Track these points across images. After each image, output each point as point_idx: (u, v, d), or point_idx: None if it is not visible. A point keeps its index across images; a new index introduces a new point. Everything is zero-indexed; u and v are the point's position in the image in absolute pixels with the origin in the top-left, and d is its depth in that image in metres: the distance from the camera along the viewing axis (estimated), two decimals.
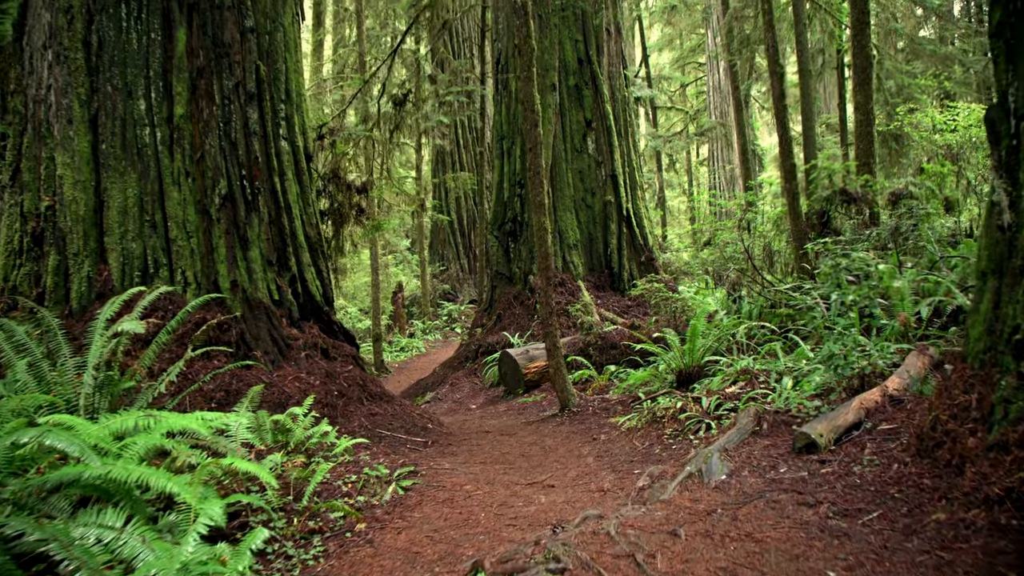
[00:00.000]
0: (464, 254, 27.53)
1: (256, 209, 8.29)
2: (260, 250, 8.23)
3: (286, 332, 8.25)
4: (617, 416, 8.70)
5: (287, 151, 8.76)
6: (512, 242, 14.39)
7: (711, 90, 33.75)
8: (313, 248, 8.88)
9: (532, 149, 9.26)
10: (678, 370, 9.32)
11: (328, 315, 8.89)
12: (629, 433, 7.43)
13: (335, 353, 8.56)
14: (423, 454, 7.29)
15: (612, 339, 12.21)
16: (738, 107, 30.07)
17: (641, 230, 14.64)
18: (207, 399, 7.38)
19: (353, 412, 8.02)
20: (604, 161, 14.41)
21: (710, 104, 33.60)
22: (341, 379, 8.22)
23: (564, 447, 7.54)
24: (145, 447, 4.73)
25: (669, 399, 7.50)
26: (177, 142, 7.98)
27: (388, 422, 8.13)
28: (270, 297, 8.24)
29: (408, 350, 22.82)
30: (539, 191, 9.22)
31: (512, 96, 14.50)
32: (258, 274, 8.16)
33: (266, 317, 8.12)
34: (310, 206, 8.94)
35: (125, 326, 5.15)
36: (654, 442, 6.88)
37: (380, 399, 8.50)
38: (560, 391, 9.44)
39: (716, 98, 33.35)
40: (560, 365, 9.41)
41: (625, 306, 13.99)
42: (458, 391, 13.27)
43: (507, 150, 14.57)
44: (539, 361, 12.10)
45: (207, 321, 7.70)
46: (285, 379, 7.84)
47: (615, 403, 9.38)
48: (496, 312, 14.24)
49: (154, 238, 7.86)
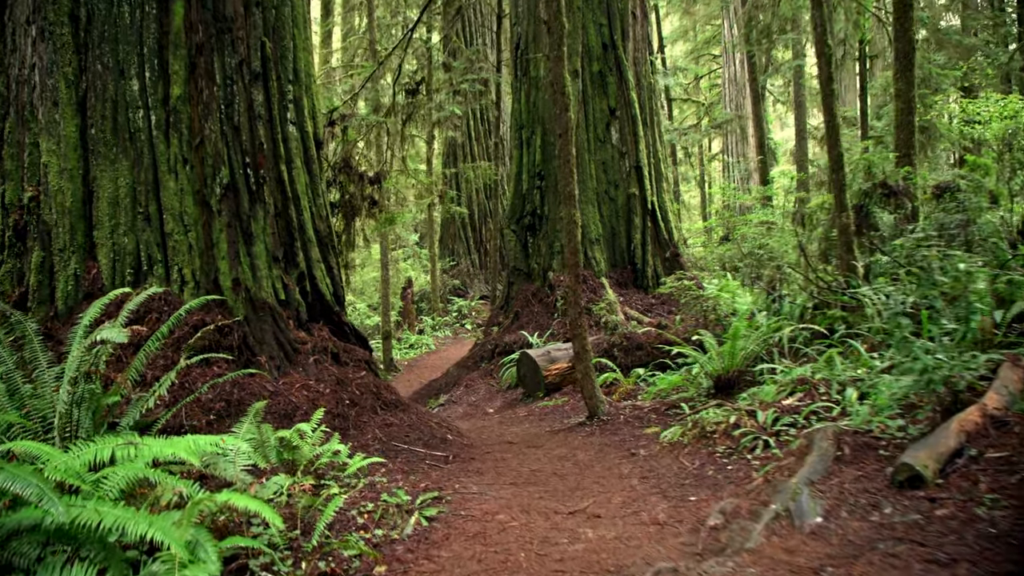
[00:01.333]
0: (475, 249, 26.72)
1: (261, 200, 7.49)
2: (265, 245, 7.44)
3: (293, 335, 7.45)
4: (652, 426, 7.90)
5: (295, 137, 7.95)
6: (530, 236, 13.56)
7: (726, 82, 32.83)
8: (323, 243, 8.08)
9: (563, 135, 8.44)
10: (716, 375, 8.53)
11: (339, 316, 8.09)
12: (673, 449, 6.62)
13: (346, 358, 7.76)
14: (445, 472, 6.49)
15: (638, 340, 11.40)
16: (756, 99, 29.19)
17: (666, 224, 13.81)
18: (205, 410, 6.60)
19: (366, 423, 7.23)
20: (628, 152, 13.57)
21: (725, 96, 32.69)
22: (353, 386, 7.43)
23: (600, 463, 6.73)
24: (125, 480, 3.94)
25: (719, 411, 6.68)
26: (174, 126, 7.18)
27: (404, 434, 7.34)
28: (276, 297, 7.44)
29: (418, 347, 22.04)
30: (569, 181, 8.41)
31: (532, 83, 13.66)
32: (263, 271, 7.36)
33: (271, 319, 7.32)
34: (320, 197, 8.13)
35: (104, 334, 4.36)
36: (705, 461, 6.07)
37: (395, 407, 7.70)
38: (589, 397, 8.64)
39: (731, 90, 32.45)
40: (589, 370, 8.61)
41: (649, 304, 13.18)
42: (473, 393, 12.47)
43: (526, 140, 13.73)
44: (561, 363, 11.30)
45: (205, 324, 6.90)
46: (292, 387, 7.05)
47: (648, 411, 8.58)
48: (513, 310, 13.42)
49: (148, 232, 7.07)
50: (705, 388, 8.70)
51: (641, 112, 13.73)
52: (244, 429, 5.79)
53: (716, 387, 8.55)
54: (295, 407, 6.88)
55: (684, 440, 6.57)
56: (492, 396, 12.11)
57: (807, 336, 8.99)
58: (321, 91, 8.22)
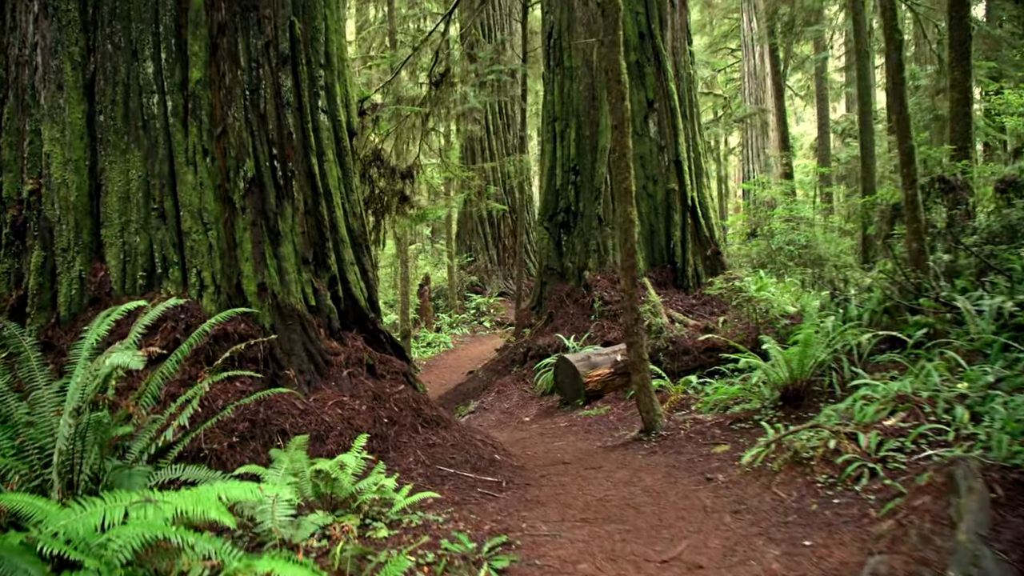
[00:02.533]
0: (493, 245, 25.84)
1: (289, 196, 6.63)
2: (294, 245, 6.59)
3: (324, 345, 6.60)
4: (720, 444, 7.04)
5: (326, 126, 7.09)
6: (564, 234, 12.69)
7: (746, 76, 31.81)
8: (356, 243, 7.23)
9: (618, 127, 7.57)
10: (783, 386, 7.66)
11: (374, 323, 7.24)
12: (758, 475, 5.75)
13: (383, 369, 6.91)
14: (502, 504, 5.63)
15: (684, 344, 10.53)
16: (778, 93, 28.28)
17: (707, 221, 12.92)
18: (227, 432, 5.75)
19: (407, 444, 6.38)
20: (667, 145, 12.68)
21: (745, 91, 31.68)
22: (391, 402, 6.58)
23: (674, 491, 5.87)
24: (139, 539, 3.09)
25: (814, 434, 5.80)
26: (192, 113, 6.33)
27: (449, 455, 6.49)
28: (305, 303, 6.59)
29: (435, 346, 21.20)
30: (626, 176, 7.54)
31: (566, 73, 12.77)
32: (291, 275, 6.51)
33: (300, 327, 6.47)
34: (353, 192, 7.27)
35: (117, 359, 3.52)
36: (803, 492, 5.20)
37: (437, 425, 6.85)
38: (645, 410, 7.77)
39: (751, 84, 31.46)
40: (646, 380, 7.75)
41: (690, 305, 12.30)
42: (506, 399, 11.62)
43: (560, 133, 12.85)
44: (602, 369, 10.44)
45: (227, 334, 6.06)
46: (324, 405, 6.20)
47: (710, 425, 7.72)
48: (547, 311, 12.56)
49: (163, 230, 6.23)
50: (770, 400, 7.84)
51: (680, 104, 12.84)
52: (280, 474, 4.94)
53: (783, 399, 7.69)
54: (328, 427, 6.03)
55: (773, 466, 5.69)
56: (526, 403, 11.25)
57: (873, 343, 8.12)
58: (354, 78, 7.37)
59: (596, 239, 12.17)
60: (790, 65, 29.47)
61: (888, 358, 7.95)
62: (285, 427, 5.94)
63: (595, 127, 12.39)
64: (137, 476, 4.07)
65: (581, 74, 12.48)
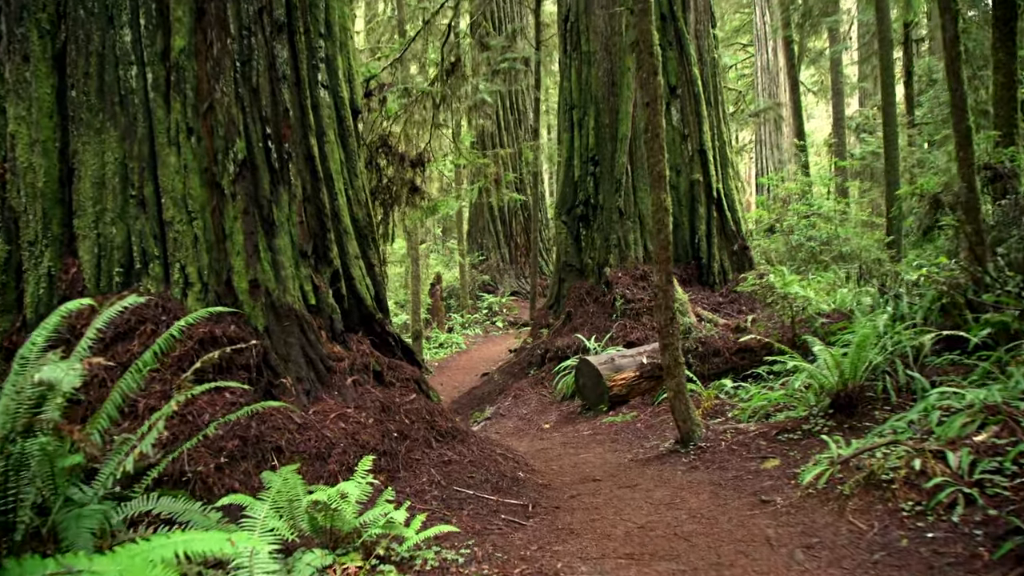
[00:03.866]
0: (505, 243, 24.97)
1: (285, 181, 5.79)
2: (291, 237, 5.75)
3: (326, 350, 5.76)
4: (770, 459, 6.17)
5: (327, 104, 6.25)
6: (583, 228, 11.81)
7: (759, 71, 30.87)
8: (362, 234, 6.38)
9: (651, 104, 6.70)
10: (835, 391, 6.78)
11: (382, 324, 6.39)
12: (824, 498, 4.89)
13: (392, 377, 6.06)
14: (530, 535, 4.77)
15: (714, 344, 9.66)
16: (793, 86, 27.34)
17: (733, 214, 12.02)
18: (214, 450, 4.93)
19: (420, 461, 5.53)
20: (691, 134, 11.78)
21: (758, 85, 30.74)
22: (402, 414, 5.73)
23: (726, 516, 5.00)
24: None
25: (891, 451, 4.91)
26: (176, 87, 5.50)
27: (468, 474, 5.64)
28: (304, 302, 5.75)
29: (448, 346, 20.35)
30: (659, 158, 6.67)
31: (583, 58, 11.89)
32: (288, 270, 5.67)
33: (299, 330, 5.63)
34: (358, 178, 6.43)
35: (46, 374, 2.67)
36: (887, 522, 4.33)
37: (452, 438, 6.00)
38: (682, 420, 6.91)
39: (764, 79, 30.54)
40: (682, 386, 6.88)
41: (716, 303, 11.43)
42: (523, 404, 10.76)
43: (578, 121, 11.98)
44: (627, 372, 9.57)
45: (215, 337, 5.23)
46: (325, 418, 5.36)
47: (754, 436, 6.85)
48: (565, 310, 11.69)
49: (142, 220, 5.40)
50: (819, 407, 6.97)
51: (704, 90, 11.94)
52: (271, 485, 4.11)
53: (833, 406, 6.82)
54: (330, 444, 5.19)
55: (844, 489, 4.82)
56: (545, 408, 10.39)
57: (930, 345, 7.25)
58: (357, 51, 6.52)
59: (617, 233, 11.30)
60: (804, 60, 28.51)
61: (946, 360, 7.10)
62: (280, 444, 5.11)
63: (615, 115, 11.52)
64: (88, 517, 3.23)
65: (599, 59, 11.61)
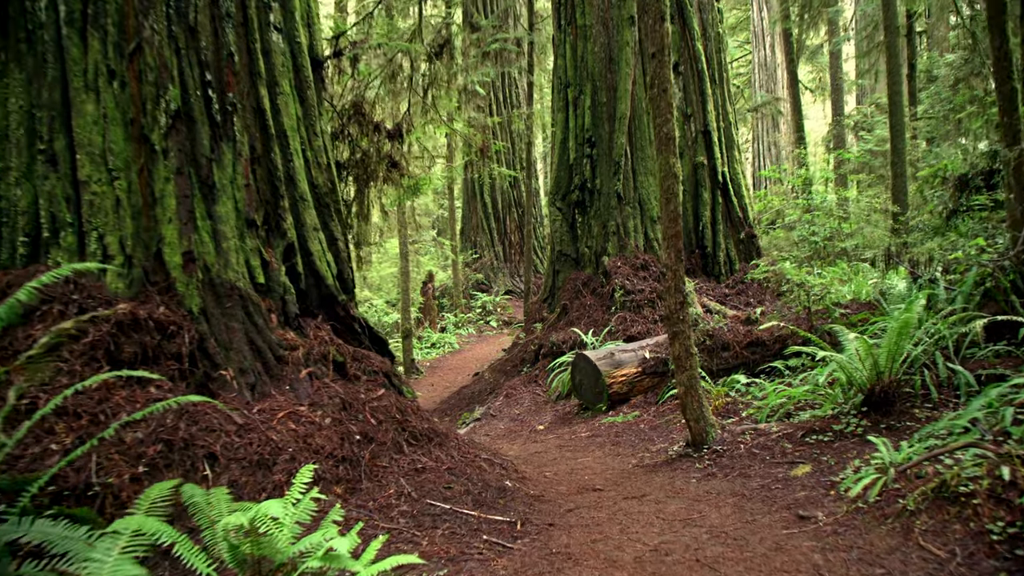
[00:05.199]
0: (499, 241, 23.98)
1: (229, 136, 4.81)
2: (235, 203, 4.77)
3: (277, 336, 4.76)
4: (799, 465, 5.21)
5: (281, 49, 5.26)
6: (579, 215, 10.83)
7: (756, 67, 30.04)
8: (323, 203, 5.39)
9: (656, 55, 5.74)
10: (868, 387, 5.83)
11: (346, 308, 5.39)
12: (880, 515, 3.91)
13: (357, 369, 5.07)
14: (517, 562, 3.78)
15: (723, 338, 8.68)
16: (792, 80, 26.41)
17: (739, 200, 11.05)
18: (131, 457, 3.95)
19: (387, 469, 4.54)
20: (694, 114, 10.82)
21: (755, 82, 29.89)
22: (367, 412, 4.74)
23: (758, 537, 4.02)
24: None
25: (966, 459, 3.93)
26: (95, 22, 4.52)
27: (444, 483, 4.64)
28: (250, 279, 4.76)
29: (440, 346, 19.38)
30: (667, 117, 5.70)
31: (579, 32, 10.91)
32: (231, 241, 4.69)
33: (243, 312, 4.64)
34: (318, 137, 5.44)
35: None
36: (972, 548, 3.36)
37: (428, 441, 5.01)
38: (693, 418, 5.93)
39: (762, 75, 29.70)
40: (694, 381, 5.90)
41: (722, 295, 10.46)
42: (516, 404, 9.78)
43: (573, 100, 11.00)
44: (628, 367, 8.60)
45: (137, 320, 4.24)
46: (273, 418, 4.37)
47: (776, 437, 5.88)
48: (560, 303, 10.70)
49: (52, 180, 4.41)
50: (850, 405, 6.01)
51: (708, 67, 10.99)
52: (192, 502, 3.14)
53: (867, 403, 5.87)
54: (276, 449, 4.20)
55: (907, 503, 3.84)
56: (539, 408, 9.41)
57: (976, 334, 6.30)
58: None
59: (615, 219, 10.33)
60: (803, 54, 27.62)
61: (990, 352, 6.17)
62: (215, 450, 4.12)
63: (613, 92, 10.55)
64: None
65: (596, 33, 10.64)
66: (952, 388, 5.90)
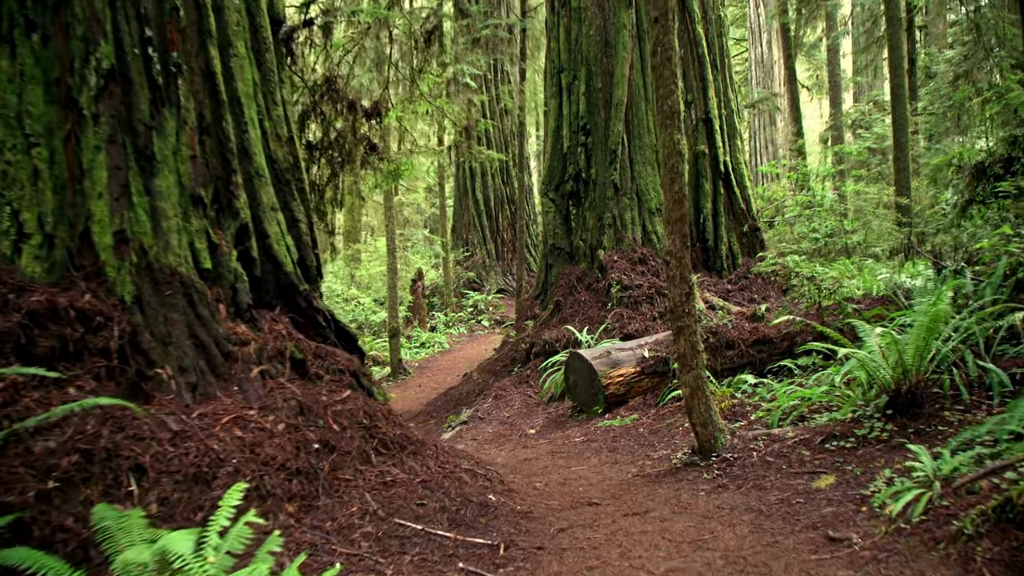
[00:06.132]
0: (491, 239, 23.32)
1: (172, 102, 4.16)
2: (179, 177, 4.12)
3: (224, 329, 4.11)
4: (822, 475, 4.60)
5: (236, 6, 4.62)
6: (574, 207, 10.19)
7: (753, 64, 29.50)
8: (283, 180, 4.74)
9: (659, 19, 5.10)
10: (893, 387, 5.21)
11: (309, 299, 4.74)
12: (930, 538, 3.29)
13: (319, 367, 4.42)
14: None
15: (728, 335, 8.05)
16: (791, 76, 25.85)
17: (743, 191, 10.43)
18: (40, 470, 3.29)
19: (351, 483, 3.89)
20: (695, 100, 10.20)
21: (751, 80, 29.35)
22: (328, 417, 4.09)
23: (782, 563, 3.39)
24: None
25: None
26: None
27: (417, 499, 4.00)
28: (195, 264, 4.12)
29: (429, 346, 18.73)
30: (670, 88, 5.07)
31: (573, 15, 10.27)
32: (172, 220, 4.04)
33: (185, 302, 3.99)
34: (278, 107, 4.79)
35: None
36: None
37: (401, 450, 4.37)
38: (700, 423, 5.29)
39: (759, 72, 29.17)
40: (701, 381, 5.28)
41: (724, 290, 9.84)
42: (505, 406, 9.14)
43: (566, 86, 10.37)
44: (625, 367, 7.97)
45: (57, 311, 3.59)
46: (216, 423, 3.72)
47: (792, 444, 5.25)
48: (553, 299, 10.06)
49: None
50: (872, 407, 5.39)
51: (709, 52, 10.37)
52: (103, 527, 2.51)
53: (892, 405, 5.25)
54: (217, 460, 3.55)
55: (963, 525, 3.21)
56: (531, 411, 8.77)
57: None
58: None
59: (612, 211, 9.70)
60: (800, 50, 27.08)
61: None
62: (144, 461, 3.48)
63: (609, 77, 9.92)
64: None
65: (591, 15, 10.02)
66: (984, 388, 5.31)
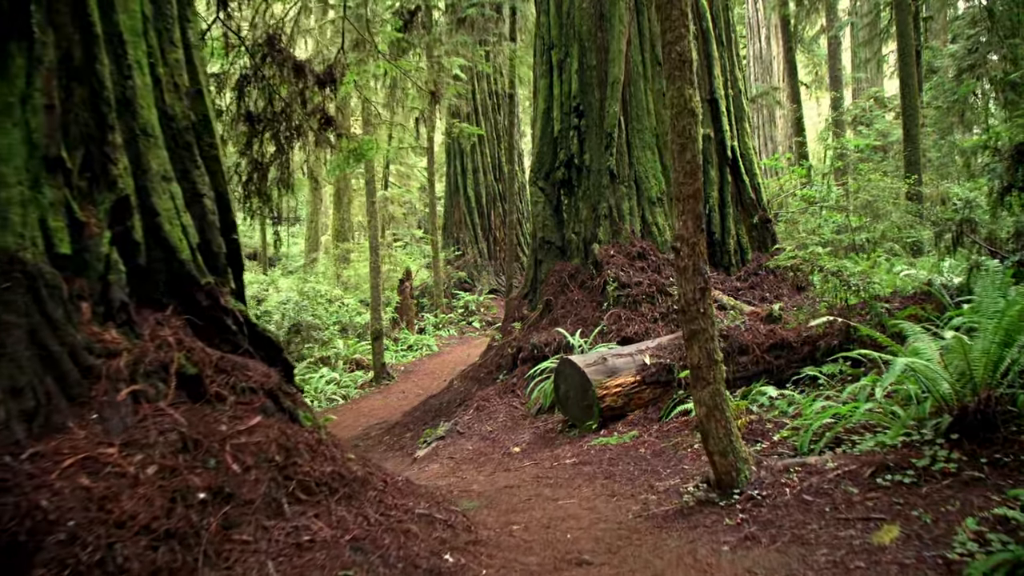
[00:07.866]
0: (483, 237, 22.25)
1: (23, 33, 3.06)
2: (28, 133, 3.03)
3: (85, 335, 3.01)
4: (884, 525, 3.52)
5: None
6: (566, 196, 9.09)
7: (752, 60, 28.54)
8: (180, 142, 3.63)
9: None
10: (959, 405, 4.15)
11: (213, 295, 3.62)
12: None
13: (221, 385, 3.31)
14: None
15: (741, 339, 6.98)
16: (791, 70, 24.82)
17: (752, 179, 9.35)
18: None
19: (249, 548, 2.79)
20: (699, 80, 9.12)
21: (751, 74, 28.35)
22: (226, 454, 2.99)
23: None
24: None
25: None
26: None
27: (341, 567, 2.90)
28: (47, 248, 3.01)
29: (417, 348, 17.64)
30: (681, 33, 3.99)
31: None
32: (15, 190, 2.94)
33: (29, 298, 2.89)
34: (177, 48, 3.68)
35: None
36: None
37: (331, 493, 3.27)
38: (720, 453, 4.20)
39: (758, 68, 28.21)
40: (719, 398, 4.19)
41: (733, 288, 8.77)
42: (488, 419, 8.04)
43: (558, 63, 9.27)
44: (624, 376, 6.89)
45: None
46: (56, 466, 2.62)
47: (834, 477, 4.18)
48: (543, 298, 8.95)
49: None
50: (930, 428, 4.33)
51: (714, 26, 9.28)
52: None
53: (958, 427, 4.18)
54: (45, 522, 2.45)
55: None
56: (516, 424, 7.68)
57: None
58: None
59: (608, 201, 8.61)
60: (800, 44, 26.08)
61: None
62: None
63: (604, 54, 8.84)
64: None
65: None
66: None
